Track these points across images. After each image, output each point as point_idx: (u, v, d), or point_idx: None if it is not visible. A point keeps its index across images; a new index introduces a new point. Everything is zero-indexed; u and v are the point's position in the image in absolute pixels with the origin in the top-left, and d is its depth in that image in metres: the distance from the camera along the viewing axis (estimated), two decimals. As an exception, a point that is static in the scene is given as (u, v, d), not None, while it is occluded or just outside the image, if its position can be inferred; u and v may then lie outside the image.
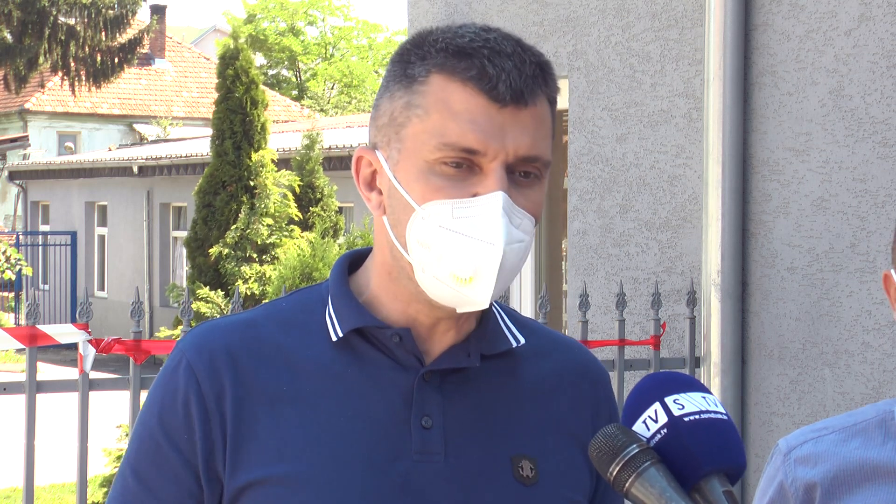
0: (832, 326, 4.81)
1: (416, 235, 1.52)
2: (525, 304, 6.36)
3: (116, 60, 28.53)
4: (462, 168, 1.51)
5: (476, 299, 1.52)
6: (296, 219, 14.10)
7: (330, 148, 17.19)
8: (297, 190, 14.29)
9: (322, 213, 14.46)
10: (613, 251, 5.68)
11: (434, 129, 1.52)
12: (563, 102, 5.95)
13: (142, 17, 32.39)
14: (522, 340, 1.65)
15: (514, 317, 1.69)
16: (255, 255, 13.68)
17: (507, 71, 1.51)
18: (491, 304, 1.60)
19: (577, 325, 4.92)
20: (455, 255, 1.50)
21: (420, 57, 1.55)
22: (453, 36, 1.54)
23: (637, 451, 1.43)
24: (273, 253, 13.66)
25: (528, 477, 1.58)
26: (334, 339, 1.58)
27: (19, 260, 20.48)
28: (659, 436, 1.46)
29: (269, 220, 13.75)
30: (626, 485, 1.43)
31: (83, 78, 28.32)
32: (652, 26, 5.51)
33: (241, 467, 1.53)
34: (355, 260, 1.67)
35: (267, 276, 13.29)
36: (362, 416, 1.55)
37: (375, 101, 1.60)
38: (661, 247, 5.47)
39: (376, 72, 45.64)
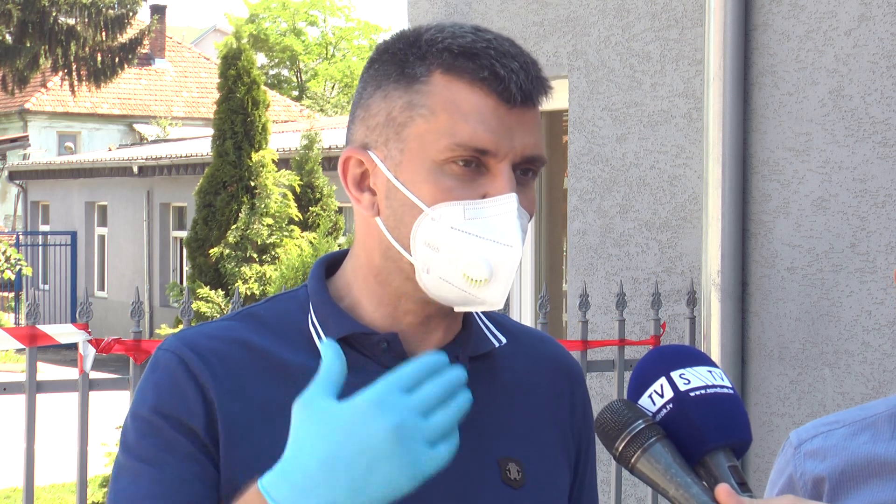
0: (832, 326, 4.81)
1: (424, 237, 1.50)
2: (525, 304, 6.36)
3: (116, 60, 28.51)
4: (471, 167, 1.50)
5: (490, 300, 1.51)
6: (296, 219, 14.10)
7: (330, 148, 17.19)
8: (298, 190, 14.30)
9: (322, 212, 14.47)
10: (613, 251, 5.68)
11: (443, 130, 1.50)
12: (563, 102, 5.95)
13: (142, 17, 32.41)
14: (504, 340, 1.64)
15: (489, 315, 1.68)
16: (255, 256, 13.68)
17: (516, 72, 1.50)
18: None
19: (577, 325, 4.92)
20: (470, 257, 1.49)
21: (419, 56, 1.53)
22: (452, 35, 1.52)
23: (643, 426, 1.43)
24: (273, 253, 13.66)
25: (516, 479, 1.57)
26: (320, 348, 1.56)
27: (19, 260, 20.49)
28: (665, 410, 1.46)
29: (270, 221, 13.75)
30: (632, 460, 1.43)
31: (83, 78, 28.32)
32: (652, 26, 5.51)
33: (235, 468, 1.51)
34: (331, 263, 1.65)
35: (267, 276, 13.29)
36: None
37: (363, 101, 1.57)
38: (661, 247, 5.47)
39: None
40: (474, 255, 1.49)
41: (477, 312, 1.65)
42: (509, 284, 1.51)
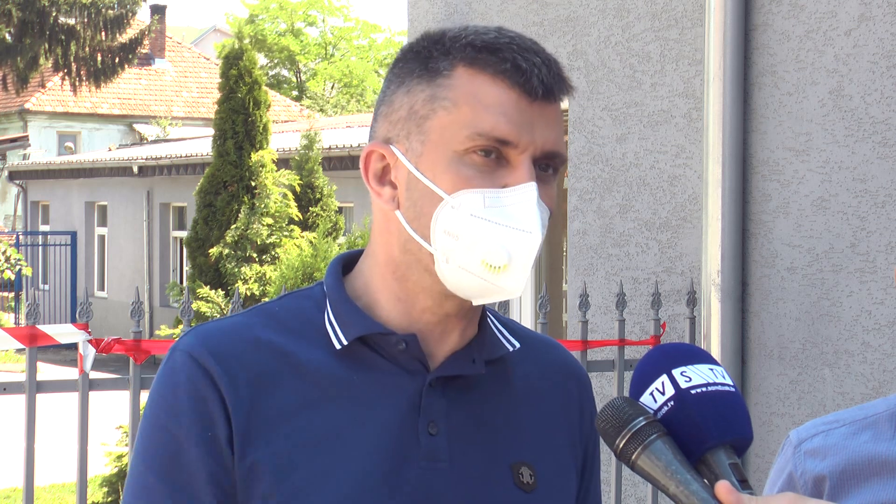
0: (832, 326, 4.81)
1: (444, 225, 1.51)
2: (525, 304, 6.36)
3: (116, 60, 28.53)
4: (491, 157, 1.51)
5: (508, 287, 1.51)
6: (296, 219, 14.11)
7: (330, 148, 17.17)
8: (298, 190, 14.31)
9: (322, 212, 14.48)
10: (613, 251, 5.68)
11: (464, 121, 1.51)
12: (563, 102, 5.95)
13: (142, 17, 32.41)
14: (517, 345, 1.65)
15: (501, 320, 1.69)
16: (255, 255, 13.69)
17: (538, 66, 1.52)
18: (484, 308, 1.61)
19: (577, 325, 4.92)
20: (489, 243, 1.49)
21: (443, 52, 1.54)
22: (475, 33, 1.54)
23: (644, 423, 1.43)
24: (273, 253, 13.66)
25: (528, 483, 1.58)
26: (338, 346, 1.55)
27: (19, 260, 20.49)
28: (666, 408, 1.46)
29: (269, 220, 13.76)
30: (633, 457, 1.43)
31: (83, 78, 28.33)
32: (652, 26, 5.51)
33: (249, 468, 1.50)
34: (347, 262, 1.65)
35: (267, 276, 13.30)
36: (371, 423, 1.53)
37: (387, 98, 1.58)
38: (661, 247, 5.47)
39: (376, 72, 45.64)
40: (493, 241, 1.49)
41: (491, 318, 1.65)
42: (528, 272, 1.51)
